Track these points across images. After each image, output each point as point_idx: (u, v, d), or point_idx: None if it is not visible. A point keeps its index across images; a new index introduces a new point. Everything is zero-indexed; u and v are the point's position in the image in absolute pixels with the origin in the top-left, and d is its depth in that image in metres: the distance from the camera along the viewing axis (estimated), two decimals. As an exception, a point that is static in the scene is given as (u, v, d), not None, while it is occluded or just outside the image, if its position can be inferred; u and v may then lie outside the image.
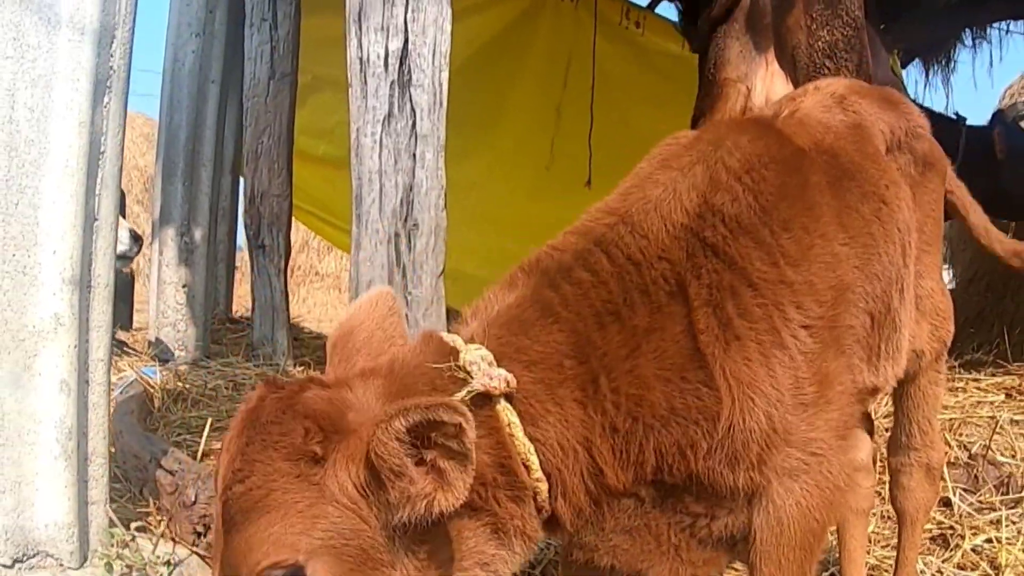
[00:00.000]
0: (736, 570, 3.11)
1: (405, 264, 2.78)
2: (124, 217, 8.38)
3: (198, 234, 6.01)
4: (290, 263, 7.06)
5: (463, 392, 1.70)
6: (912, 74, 10.28)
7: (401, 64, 2.78)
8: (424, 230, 2.79)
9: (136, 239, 5.71)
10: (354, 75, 2.82)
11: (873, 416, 3.49)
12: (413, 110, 2.79)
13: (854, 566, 3.20)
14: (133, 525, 2.82)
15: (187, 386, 5.11)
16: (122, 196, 8.26)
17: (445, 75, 2.82)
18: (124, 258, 5.53)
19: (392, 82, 2.78)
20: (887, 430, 3.29)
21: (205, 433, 3.88)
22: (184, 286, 5.99)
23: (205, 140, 5.99)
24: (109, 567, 2.57)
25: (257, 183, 6.04)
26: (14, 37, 2.54)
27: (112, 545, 2.61)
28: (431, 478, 1.59)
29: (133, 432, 3.80)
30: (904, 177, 2.68)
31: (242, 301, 8.80)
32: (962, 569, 3.59)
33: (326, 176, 7.85)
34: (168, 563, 2.71)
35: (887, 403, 3.91)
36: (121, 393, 4.62)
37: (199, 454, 3.81)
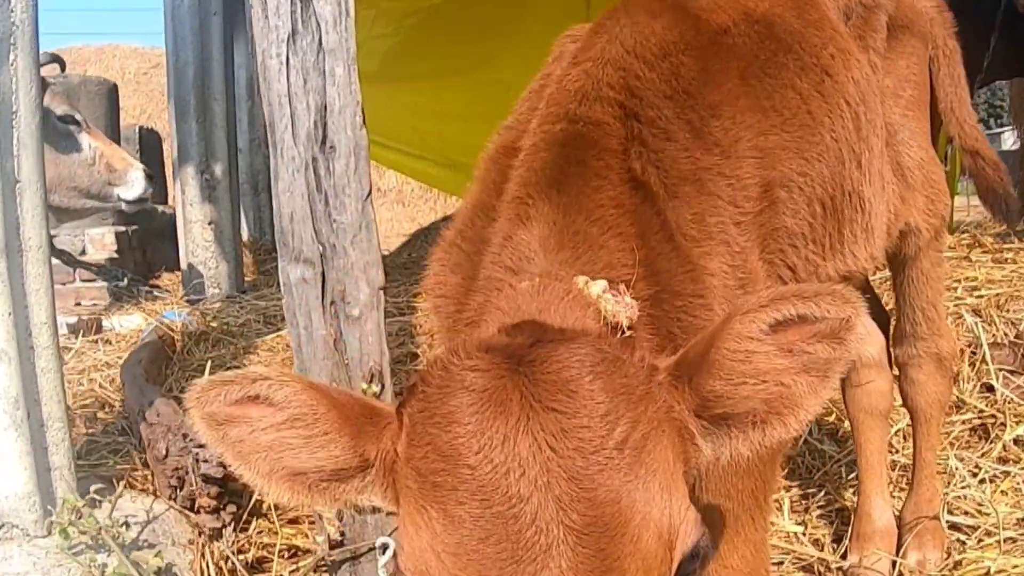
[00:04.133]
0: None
1: (326, 190, 2.63)
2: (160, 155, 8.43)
3: (218, 169, 5.97)
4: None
5: (625, 329, 1.53)
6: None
7: (301, -23, 2.59)
8: (342, 152, 2.62)
9: (150, 178, 5.65)
10: (252, -7, 2.65)
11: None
12: (318, 24, 2.60)
13: (871, 473, 2.98)
14: (99, 491, 2.78)
15: (213, 325, 5.12)
16: (156, 136, 8.27)
17: (348, -19, 2.62)
18: (141, 200, 5.51)
19: (292, -3, 2.59)
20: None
21: (205, 374, 3.86)
22: (210, 223, 5.98)
23: (214, 74, 5.91)
24: (65, 535, 2.54)
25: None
26: None
27: (65, 513, 2.58)
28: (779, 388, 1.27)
29: (133, 384, 3.79)
30: (865, 41, 2.44)
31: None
32: (1003, 463, 3.29)
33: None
34: (126, 524, 2.68)
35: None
36: (140, 342, 4.64)
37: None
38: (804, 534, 3.09)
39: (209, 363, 4.08)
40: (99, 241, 6.13)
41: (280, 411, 1.26)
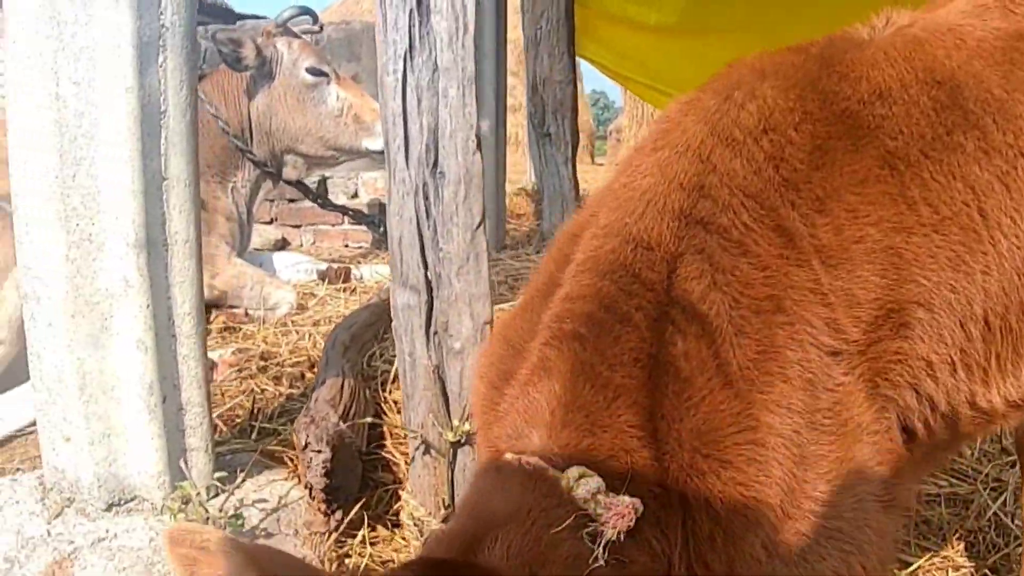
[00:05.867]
0: None
1: (434, 217, 2.52)
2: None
3: (485, 127, 5.98)
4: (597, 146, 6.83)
5: (599, 549, 1.36)
6: None
7: (420, -13, 2.46)
8: (451, 178, 2.50)
9: None
10: (377, 5, 2.55)
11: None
12: (434, 41, 2.47)
13: None
14: (228, 478, 2.91)
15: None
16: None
17: (470, -6, 2.45)
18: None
19: (411, 11, 2.46)
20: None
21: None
22: (474, 179, 6.01)
23: (485, 31, 5.87)
24: (175, 519, 2.68)
25: (538, 70, 5.86)
26: (50, 15, 2.58)
27: (174, 500, 2.72)
28: None
29: (329, 351, 3.91)
30: None
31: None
32: None
33: (656, 44, 7.46)
34: (237, 516, 2.77)
35: None
36: (368, 300, 4.78)
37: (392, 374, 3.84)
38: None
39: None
40: (371, 184, 6.34)
41: None
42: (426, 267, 2.55)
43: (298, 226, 6.90)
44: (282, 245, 6.74)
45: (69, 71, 2.62)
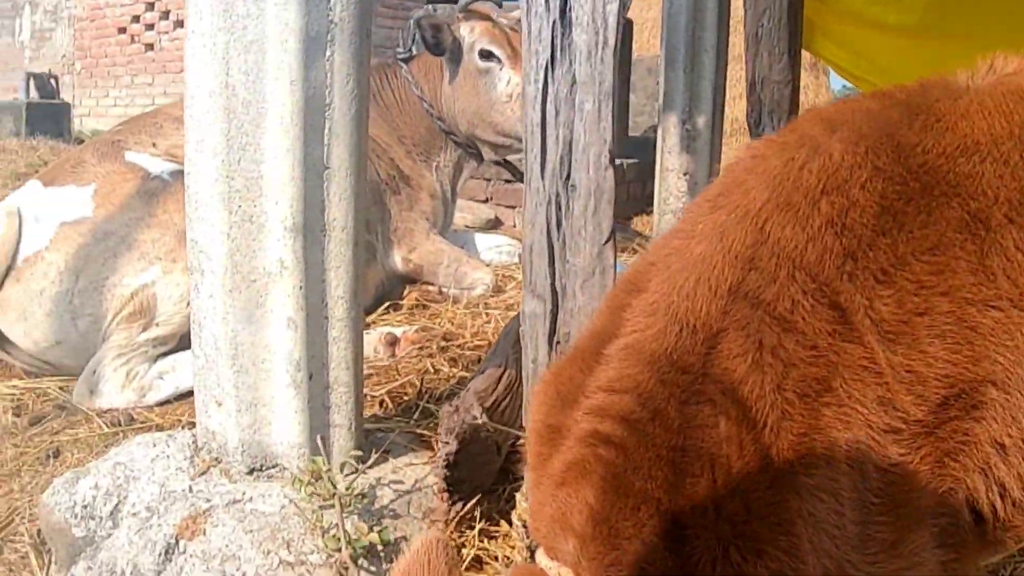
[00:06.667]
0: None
1: (564, 229, 2.51)
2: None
3: (701, 121, 5.86)
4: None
5: None
6: None
7: (565, 1, 2.44)
8: (582, 192, 2.47)
9: None
10: (523, 15, 2.55)
11: None
12: (574, 54, 2.45)
13: None
14: (363, 457, 3.02)
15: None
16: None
17: (612, 8, 2.40)
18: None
19: (554, 22, 2.45)
20: None
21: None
22: (685, 173, 5.91)
23: (707, 26, 5.75)
24: (302, 491, 2.82)
25: (758, 69, 5.65)
26: (224, 9, 2.76)
27: (305, 473, 2.86)
28: None
29: (502, 339, 3.96)
30: None
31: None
32: None
33: (892, 45, 7.05)
34: (362, 495, 2.88)
35: None
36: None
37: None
38: None
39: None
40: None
41: None
42: (553, 277, 2.55)
43: (513, 207, 6.99)
44: (495, 224, 6.87)
45: (239, 62, 2.79)
